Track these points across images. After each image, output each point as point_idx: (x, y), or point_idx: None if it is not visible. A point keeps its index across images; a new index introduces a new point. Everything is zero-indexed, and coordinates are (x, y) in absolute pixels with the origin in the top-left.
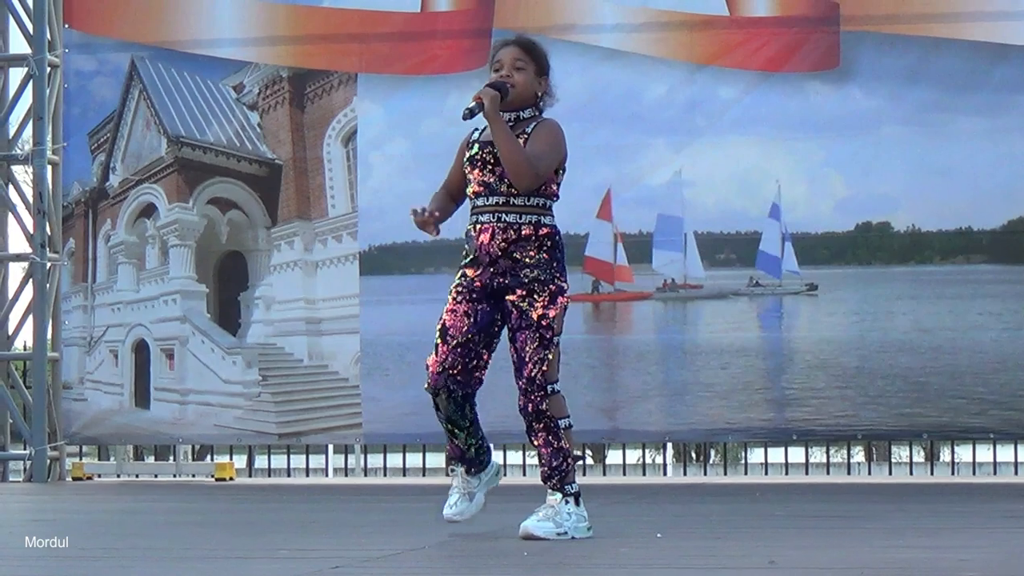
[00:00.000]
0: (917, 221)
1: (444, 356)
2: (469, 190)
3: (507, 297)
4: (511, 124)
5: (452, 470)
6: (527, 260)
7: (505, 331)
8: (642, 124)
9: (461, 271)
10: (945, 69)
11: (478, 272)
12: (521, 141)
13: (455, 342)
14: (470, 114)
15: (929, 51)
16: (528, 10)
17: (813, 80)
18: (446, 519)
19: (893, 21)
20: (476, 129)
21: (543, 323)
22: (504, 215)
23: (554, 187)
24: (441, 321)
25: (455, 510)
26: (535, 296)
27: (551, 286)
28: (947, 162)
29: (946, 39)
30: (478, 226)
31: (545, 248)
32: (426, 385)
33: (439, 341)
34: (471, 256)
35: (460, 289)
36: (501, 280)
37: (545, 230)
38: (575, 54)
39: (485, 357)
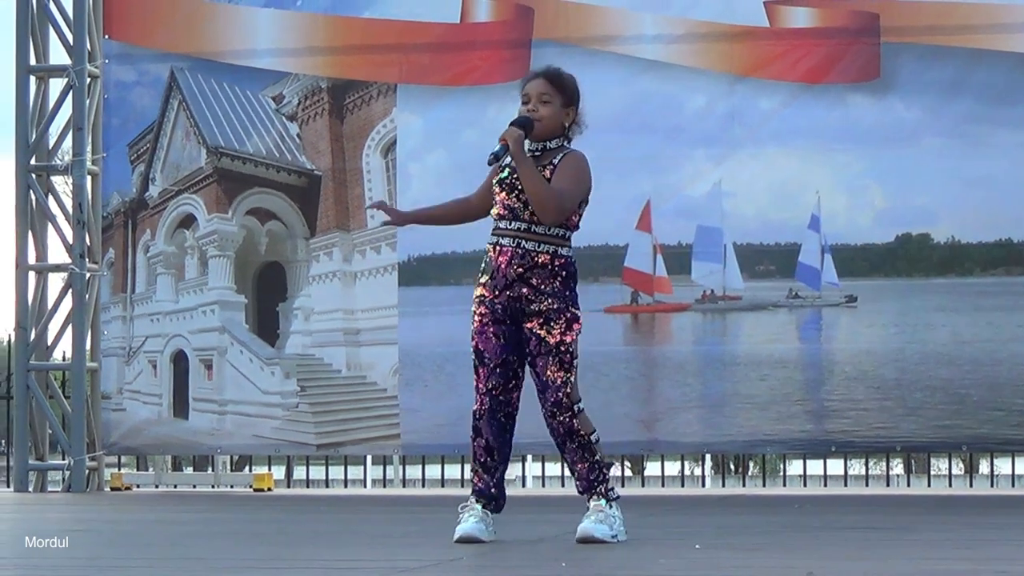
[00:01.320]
0: (957, 233)
1: (486, 378)
2: (494, 211)
3: (525, 325)
4: (538, 154)
5: (464, 507)
6: (543, 287)
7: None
8: (682, 135)
9: (479, 288)
10: (986, 81)
11: (496, 294)
12: (547, 172)
13: (493, 364)
14: (495, 159)
15: (970, 63)
16: (567, 21)
17: (853, 92)
18: (465, 536)
19: (934, 32)
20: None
21: (562, 348)
22: (524, 241)
23: (575, 219)
24: (473, 343)
25: (476, 527)
26: (552, 324)
27: (566, 313)
28: (987, 174)
29: (987, 51)
30: (498, 247)
31: (560, 278)
32: (474, 408)
33: (477, 364)
34: (487, 276)
35: (483, 311)
36: (517, 305)
37: (561, 260)
38: (615, 65)
39: (521, 376)
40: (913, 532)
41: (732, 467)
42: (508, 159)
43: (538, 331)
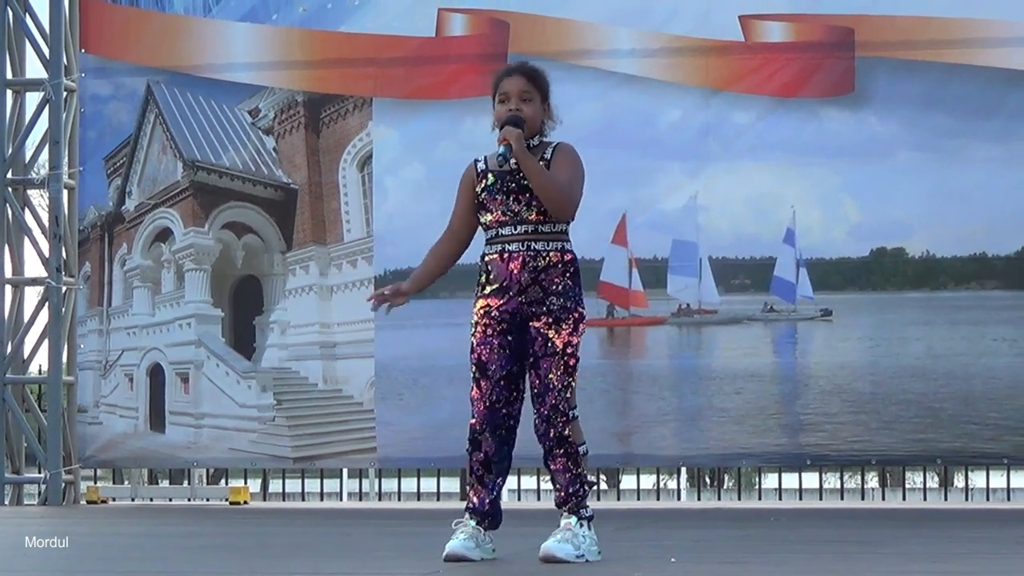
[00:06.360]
0: (931, 247)
1: (488, 391)
2: (489, 219)
3: (532, 324)
4: None
5: (457, 523)
6: (553, 287)
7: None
8: (657, 149)
9: (483, 301)
10: (960, 95)
11: (503, 301)
12: None
13: (497, 376)
14: (505, 160)
15: (944, 77)
16: (543, 35)
17: (828, 106)
18: (452, 554)
19: (908, 47)
20: (477, 160)
21: (568, 351)
22: (533, 243)
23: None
24: (475, 355)
25: (464, 545)
26: (561, 324)
27: (575, 313)
28: (962, 188)
29: (961, 65)
30: (505, 255)
31: (569, 274)
32: (473, 422)
33: (479, 376)
34: (496, 285)
35: (488, 321)
36: (528, 308)
37: (569, 256)
38: (590, 79)
39: (523, 388)
40: (888, 546)
41: (707, 480)
42: (481, 165)
43: (545, 331)
